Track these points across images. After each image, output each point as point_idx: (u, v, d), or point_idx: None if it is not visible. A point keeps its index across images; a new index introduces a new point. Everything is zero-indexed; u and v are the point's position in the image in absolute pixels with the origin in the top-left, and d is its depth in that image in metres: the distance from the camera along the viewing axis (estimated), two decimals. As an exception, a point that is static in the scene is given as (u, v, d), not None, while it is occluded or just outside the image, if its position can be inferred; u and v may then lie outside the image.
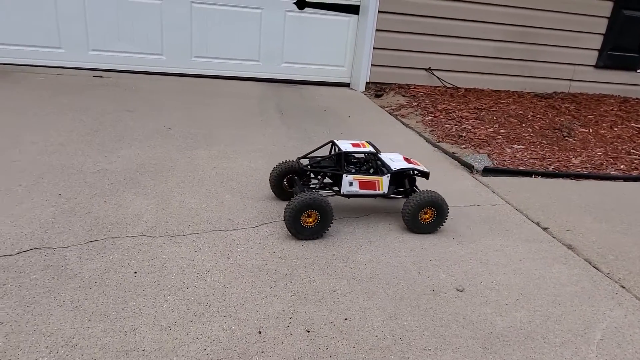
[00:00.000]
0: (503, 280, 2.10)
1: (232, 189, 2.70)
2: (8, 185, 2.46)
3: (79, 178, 2.64)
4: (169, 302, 1.71)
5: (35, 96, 4.11)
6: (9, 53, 5.07)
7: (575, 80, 6.45)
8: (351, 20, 5.80)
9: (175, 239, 2.14)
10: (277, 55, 5.80)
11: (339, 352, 1.56)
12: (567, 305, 1.96)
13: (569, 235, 2.60)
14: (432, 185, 3.09)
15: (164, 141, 3.37)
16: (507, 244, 2.43)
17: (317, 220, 2.20)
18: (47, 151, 2.96)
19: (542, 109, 5.45)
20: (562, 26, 6.07)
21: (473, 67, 6.08)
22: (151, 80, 5.21)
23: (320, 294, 1.86)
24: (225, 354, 1.50)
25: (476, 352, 1.63)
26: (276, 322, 1.67)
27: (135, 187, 2.60)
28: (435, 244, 2.34)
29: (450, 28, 5.80)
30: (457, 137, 4.28)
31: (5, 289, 1.68)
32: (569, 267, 2.27)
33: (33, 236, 2.03)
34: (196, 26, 5.45)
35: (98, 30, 5.22)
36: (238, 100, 4.81)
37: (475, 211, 2.78)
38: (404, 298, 1.89)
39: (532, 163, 3.76)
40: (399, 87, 5.90)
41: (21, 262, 1.84)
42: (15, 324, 1.53)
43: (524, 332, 1.76)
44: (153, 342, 1.52)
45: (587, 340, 1.75)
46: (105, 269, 1.86)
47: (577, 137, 4.56)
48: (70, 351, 1.44)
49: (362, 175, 2.37)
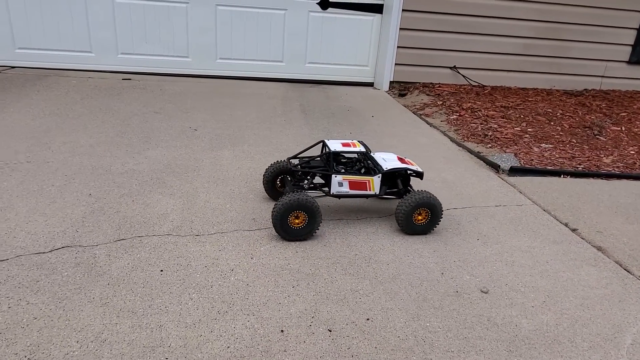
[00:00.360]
0: (529, 282, 2.05)
1: (256, 189, 2.73)
2: (41, 185, 2.55)
3: (108, 178, 2.71)
4: (194, 300, 1.75)
5: (68, 99, 4.25)
6: (44, 58, 5.27)
7: (607, 77, 6.26)
8: (375, 19, 5.78)
9: (200, 238, 2.18)
10: (300, 55, 5.83)
11: (360, 352, 1.56)
12: (596, 308, 1.91)
13: (599, 237, 2.53)
14: (454, 186, 3.06)
15: (189, 142, 3.43)
16: (534, 245, 2.38)
17: (305, 221, 2.18)
18: (78, 152, 3.06)
19: (572, 107, 5.30)
20: (593, 21, 5.90)
21: (499, 64, 5.96)
22: (177, 82, 5.31)
23: (342, 293, 1.86)
24: (248, 352, 1.52)
25: (501, 354, 1.61)
26: (298, 321, 1.68)
27: (162, 187, 2.66)
28: (459, 245, 2.31)
29: (475, 25, 5.71)
30: (482, 136, 4.21)
31: (38, 285, 1.75)
32: (599, 270, 2.20)
33: (65, 234, 2.10)
34: (221, 28, 5.53)
35: (126, 34, 5.36)
36: (262, 101, 4.86)
37: (501, 212, 2.74)
38: (427, 299, 1.87)
39: (561, 162, 3.67)
40: (424, 86, 5.84)
41: (54, 260, 1.91)
42: (48, 319, 1.59)
43: (551, 335, 1.73)
44: (178, 338, 1.55)
45: (616, 345, 1.70)
46: (132, 267, 1.91)
47: (608, 136, 4.43)
48: (100, 346, 1.49)
49: (351, 176, 2.33)
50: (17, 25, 5.12)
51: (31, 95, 4.27)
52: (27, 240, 2.03)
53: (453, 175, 3.24)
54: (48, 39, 5.22)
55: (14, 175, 2.65)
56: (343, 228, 2.38)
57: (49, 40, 5.22)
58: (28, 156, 2.92)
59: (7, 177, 2.62)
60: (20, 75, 4.95)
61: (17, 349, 1.45)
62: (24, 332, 1.52)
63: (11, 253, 1.93)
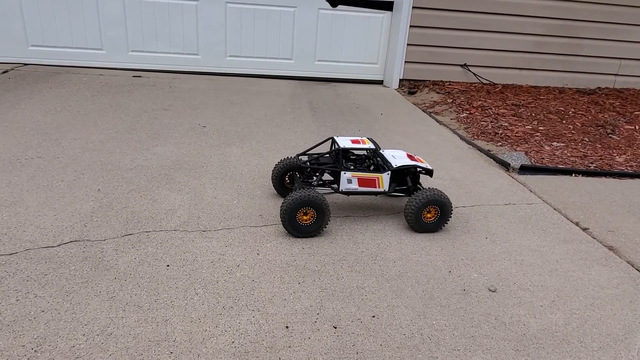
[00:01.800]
0: (538, 281, 2.03)
1: (264, 186, 2.73)
2: (51, 180, 2.58)
3: (117, 174, 2.73)
4: (200, 295, 1.75)
5: (79, 96, 4.29)
6: (56, 55, 5.32)
7: (621, 75, 6.16)
8: (384, 16, 5.75)
9: (207, 233, 2.18)
10: (310, 53, 5.82)
11: (365, 349, 1.55)
12: (606, 308, 1.88)
13: (610, 236, 2.49)
14: (463, 184, 3.03)
15: (198, 138, 3.44)
16: (543, 244, 2.35)
17: (314, 217, 2.17)
18: (88, 148, 3.08)
19: (585, 105, 5.23)
20: (607, 19, 5.80)
21: (511, 62, 5.90)
22: (187, 80, 5.33)
23: (348, 290, 1.85)
24: (253, 347, 1.52)
25: (508, 354, 1.59)
26: (303, 318, 1.68)
27: (170, 183, 2.67)
28: (467, 243, 2.29)
29: (486, 23, 5.65)
30: (493, 134, 4.17)
31: (46, 278, 1.77)
32: (610, 269, 2.17)
33: (73, 229, 2.12)
34: (230, 26, 5.54)
35: (137, 31, 5.39)
36: (271, 98, 4.86)
37: (511, 210, 2.70)
38: (434, 297, 1.86)
39: (572, 161, 3.62)
40: (433, 83, 5.80)
41: (62, 254, 1.93)
42: (55, 312, 1.60)
43: (560, 335, 1.70)
44: (183, 333, 1.56)
45: (627, 346, 1.67)
46: (139, 262, 1.92)
47: (621, 135, 4.36)
48: (106, 339, 1.50)
49: (361, 173, 2.32)
50: (30, 23, 5.18)
51: (43, 92, 4.31)
52: (36, 234, 2.05)
53: (462, 173, 3.21)
54: (60, 37, 5.27)
55: (24, 170, 2.67)
56: (350, 225, 2.37)
57: (61, 38, 5.28)
58: (39, 152, 2.95)
59: (18, 172, 2.64)
60: (33, 72, 5.00)
61: (24, 341, 1.46)
62: (31, 325, 1.53)
63: (20, 247, 1.95)
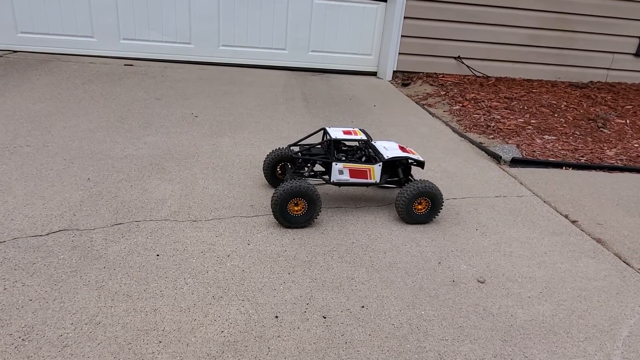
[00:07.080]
0: (526, 272, 2.05)
1: (255, 176, 2.72)
2: (40, 169, 2.55)
3: (107, 163, 2.71)
4: (189, 284, 1.75)
5: (69, 84, 4.23)
6: (46, 42, 5.24)
7: (613, 69, 6.19)
8: (379, 7, 5.71)
9: (198, 223, 2.17)
10: (303, 43, 5.78)
11: (354, 339, 1.56)
12: (593, 300, 1.90)
13: (599, 229, 2.51)
14: (454, 176, 3.04)
15: (190, 128, 3.42)
16: (532, 236, 2.37)
17: (305, 208, 2.17)
18: (78, 137, 3.05)
19: (577, 99, 5.25)
20: (600, 12, 5.81)
21: (504, 55, 5.90)
22: (179, 69, 5.28)
23: (338, 281, 1.86)
24: (242, 337, 1.52)
25: (495, 344, 1.60)
26: (293, 308, 1.68)
27: (161, 173, 2.66)
28: (457, 235, 2.30)
29: (481, 15, 5.64)
30: (485, 127, 4.18)
31: (35, 267, 1.75)
32: (597, 262, 2.19)
33: (62, 218, 2.10)
34: (224, 15, 5.48)
35: (129, 19, 5.32)
36: (264, 88, 4.83)
37: (501, 202, 2.72)
38: (423, 288, 1.87)
39: (563, 154, 3.64)
40: (427, 76, 5.79)
41: (50, 243, 1.91)
42: (43, 301, 1.59)
43: (547, 325, 1.72)
44: (172, 322, 1.56)
45: (612, 337, 1.70)
46: (129, 251, 1.91)
47: (612, 128, 4.39)
48: (94, 328, 1.50)
49: (352, 164, 2.32)
50: (20, 9, 5.08)
51: (32, 79, 4.25)
52: (24, 223, 2.03)
53: (454, 165, 3.22)
54: (50, 24, 5.18)
55: (13, 158, 2.64)
56: (341, 216, 2.37)
57: (51, 24, 5.19)
58: (28, 140, 2.91)
59: (6, 160, 2.61)
60: (22, 60, 4.93)
61: (11, 330, 1.45)
62: (19, 314, 1.52)
63: (8, 235, 1.93)
